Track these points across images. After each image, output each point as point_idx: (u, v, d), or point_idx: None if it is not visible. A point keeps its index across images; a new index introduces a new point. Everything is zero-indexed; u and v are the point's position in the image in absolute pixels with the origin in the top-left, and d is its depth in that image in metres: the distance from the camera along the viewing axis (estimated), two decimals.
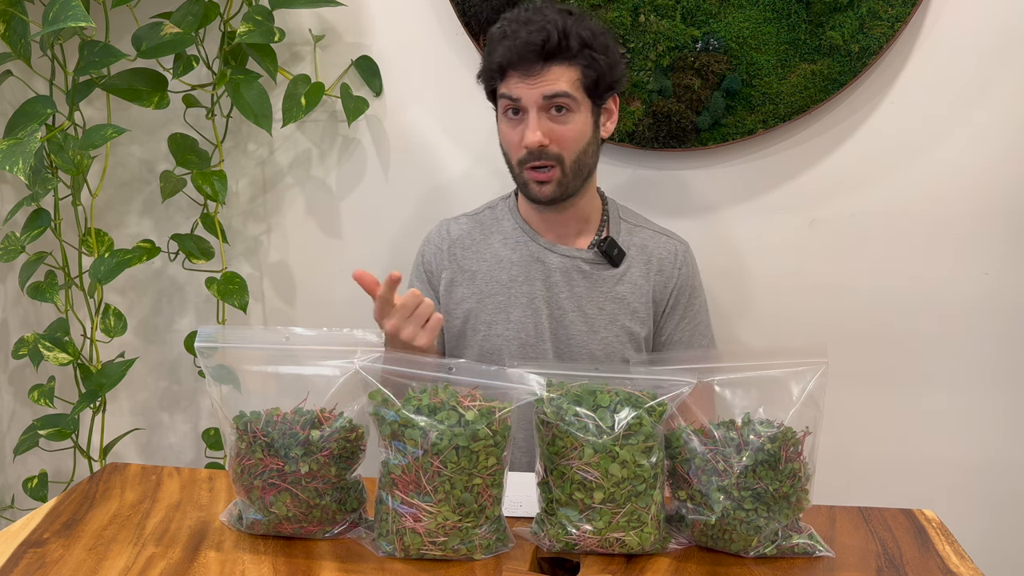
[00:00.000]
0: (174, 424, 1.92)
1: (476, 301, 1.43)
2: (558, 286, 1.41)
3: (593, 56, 1.30)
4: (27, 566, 0.96)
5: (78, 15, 1.35)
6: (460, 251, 1.46)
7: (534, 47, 1.27)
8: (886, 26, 1.52)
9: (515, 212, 1.46)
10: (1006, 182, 1.59)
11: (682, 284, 1.45)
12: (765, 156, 1.64)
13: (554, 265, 1.41)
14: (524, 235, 1.43)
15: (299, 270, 1.82)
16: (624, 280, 1.42)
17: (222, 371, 1.02)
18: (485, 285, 1.43)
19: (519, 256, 1.43)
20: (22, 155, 1.41)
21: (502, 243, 1.44)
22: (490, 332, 1.42)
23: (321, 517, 1.01)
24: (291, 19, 1.70)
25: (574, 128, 1.32)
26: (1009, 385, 1.65)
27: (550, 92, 1.29)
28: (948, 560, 1.00)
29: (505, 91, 1.32)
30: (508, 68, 1.30)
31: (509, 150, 1.36)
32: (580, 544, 0.98)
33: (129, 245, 1.76)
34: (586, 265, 1.41)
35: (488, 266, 1.44)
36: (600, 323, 1.41)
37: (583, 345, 1.40)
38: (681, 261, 1.46)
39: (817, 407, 1.00)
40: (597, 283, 1.41)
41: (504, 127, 1.35)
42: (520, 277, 1.42)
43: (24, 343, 1.70)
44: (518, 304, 1.41)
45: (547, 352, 1.40)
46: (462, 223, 1.49)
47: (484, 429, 0.94)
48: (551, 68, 1.28)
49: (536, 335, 1.41)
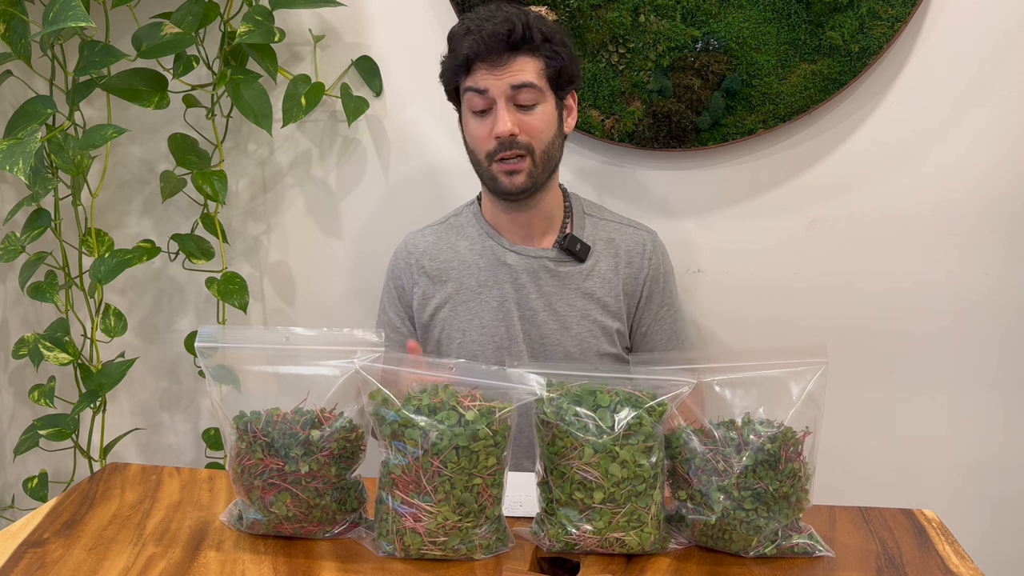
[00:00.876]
0: (174, 424, 1.92)
1: (449, 310, 1.44)
2: (526, 287, 1.42)
3: (555, 49, 1.33)
4: (27, 566, 0.96)
5: (78, 15, 1.35)
6: (428, 262, 1.46)
7: (500, 37, 1.29)
8: (886, 26, 1.52)
9: (479, 217, 1.47)
10: (1006, 182, 1.59)
11: (654, 273, 1.46)
12: (765, 156, 1.64)
13: (520, 267, 1.42)
14: (489, 239, 1.44)
15: (299, 270, 1.82)
16: (593, 275, 1.43)
17: (222, 371, 1.02)
18: (456, 293, 1.44)
19: (485, 261, 1.43)
20: (22, 155, 1.41)
21: (468, 249, 1.45)
22: (465, 339, 1.42)
23: (321, 517, 1.01)
24: (291, 19, 1.70)
25: (542, 118, 1.33)
26: (1009, 385, 1.65)
27: (517, 82, 1.30)
28: (948, 560, 1.00)
29: (471, 84, 1.32)
30: (475, 60, 1.31)
31: (477, 145, 1.36)
32: (580, 544, 0.98)
33: (129, 245, 1.76)
34: (551, 264, 1.42)
35: (457, 274, 1.44)
36: (572, 320, 1.41)
37: (557, 344, 1.41)
38: (650, 251, 1.46)
39: (817, 407, 1.00)
40: (565, 280, 1.42)
41: (471, 123, 1.36)
42: (488, 281, 1.43)
43: (24, 343, 1.70)
44: (489, 308, 1.42)
45: (522, 354, 1.41)
46: (427, 234, 1.50)
47: (484, 429, 0.94)
48: (517, 58, 1.31)
49: (509, 337, 1.41)
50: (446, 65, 1.37)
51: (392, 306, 1.50)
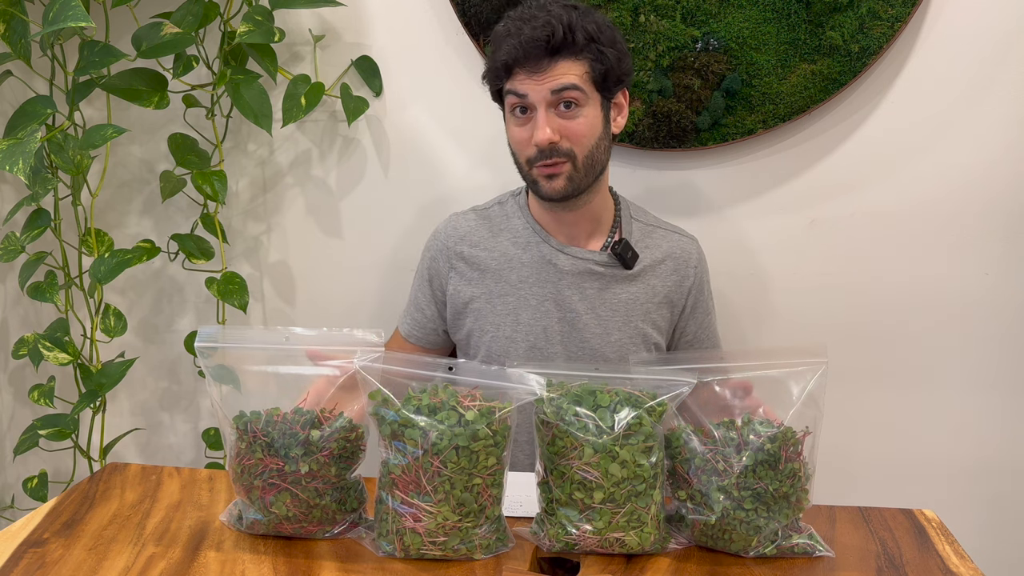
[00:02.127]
0: (174, 424, 1.92)
1: (485, 301, 1.41)
2: (569, 289, 1.39)
3: (600, 49, 1.28)
4: (27, 566, 0.96)
5: (78, 15, 1.35)
6: (468, 248, 1.43)
7: (539, 43, 1.25)
8: (886, 26, 1.52)
9: (525, 211, 1.43)
10: (1006, 182, 1.59)
11: (699, 283, 1.45)
12: (765, 156, 1.64)
13: (566, 268, 1.39)
14: (535, 236, 1.41)
15: (299, 270, 1.82)
16: (637, 281, 1.41)
17: (222, 371, 1.02)
18: (495, 285, 1.41)
19: (530, 257, 1.41)
20: (22, 155, 1.41)
21: (512, 242, 1.42)
22: (498, 334, 1.40)
23: (321, 517, 1.01)
24: (291, 19, 1.70)
25: (584, 122, 1.29)
26: (1009, 385, 1.65)
27: (558, 86, 1.26)
28: (948, 560, 1.00)
29: (512, 88, 1.29)
30: (514, 66, 1.27)
31: (518, 149, 1.33)
32: (580, 544, 0.98)
33: (129, 245, 1.76)
34: (599, 267, 1.40)
35: (498, 265, 1.42)
36: (613, 325, 1.39)
37: (597, 348, 1.39)
38: (695, 260, 1.45)
39: (817, 407, 1.00)
40: (609, 285, 1.40)
41: (512, 126, 1.33)
42: (531, 279, 1.40)
43: (24, 343, 1.70)
44: (527, 306, 1.40)
45: (557, 355, 1.39)
46: (470, 219, 1.46)
47: (484, 429, 0.94)
48: (558, 63, 1.26)
49: (545, 338, 1.39)
50: (488, 67, 1.34)
51: (422, 286, 1.48)
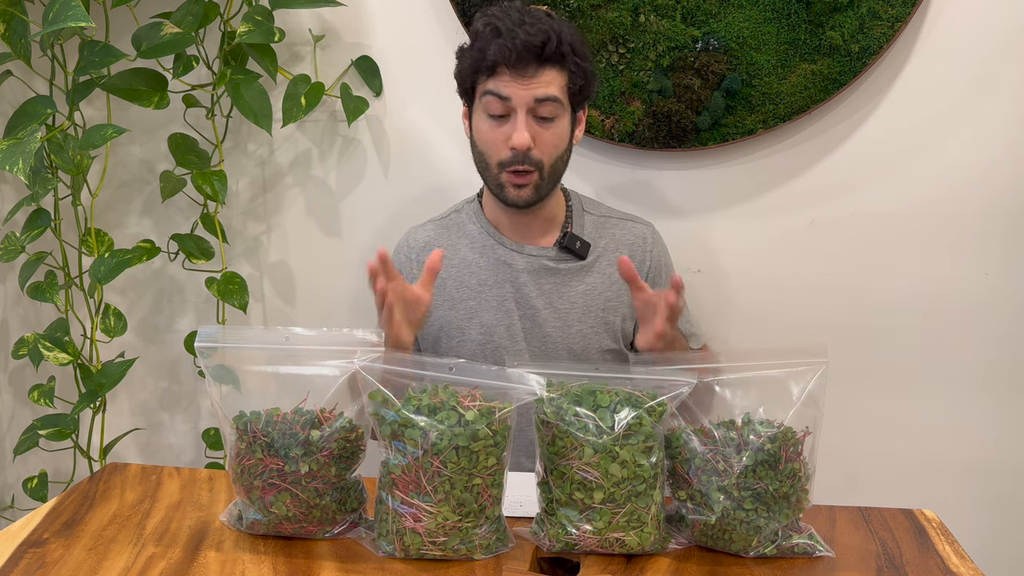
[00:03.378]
0: (174, 424, 1.92)
1: (448, 307, 1.43)
2: (527, 286, 1.41)
3: (578, 63, 1.31)
4: (27, 566, 0.96)
5: (78, 15, 1.35)
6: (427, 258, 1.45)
7: (533, 48, 1.26)
8: (886, 26, 1.52)
9: (480, 215, 1.46)
10: (1006, 182, 1.59)
11: (656, 265, 1.46)
12: (765, 156, 1.64)
13: (520, 266, 1.41)
14: (490, 238, 1.43)
15: (299, 270, 1.82)
16: (593, 271, 1.42)
17: (222, 371, 1.02)
18: (455, 291, 1.43)
19: (486, 260, 1.43)
20: (22, 155, 1.41)
21: (469, 247, 1.44)
22: (464, 338, 1.42)
23: (321, 517, 1.01)
24: (291, 19, 1.70)
25: (556, 134, 1.32)
26: (1009, 385, 1.65)
27: (542, 95, 1.28)
28: (948, 560, 1.00)
29: (493, 88, 1.30)
30: (502, 65, 1.28)
31: (488, 149, 1.34)
32: (580, 544, 0.98)
33: (129, 245, 1.76)
34: (551, 262, 1.41)
35: (457, 271, 1.44)
36: (573, 317, 1.41)
37: (560, 341, 1.41)
38: (651, 243, 1.46)
39: (817, 407, 1.00)
40: (566, 278, 1.41)
41: (485, 126, 1.33)
42: (489, 281, 1.42)
43: (24, 343, 1.70)
44: (488, 307, 1.42)
45: (522, 352, 1.40)
46: (428, 229, 1.49)
47: (484, 429, 0.94)
48: (544, 71, 1.28)
49: (509, 337, 1.41)
50: (466, 62, 1.33)
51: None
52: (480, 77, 1.32)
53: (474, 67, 1.31)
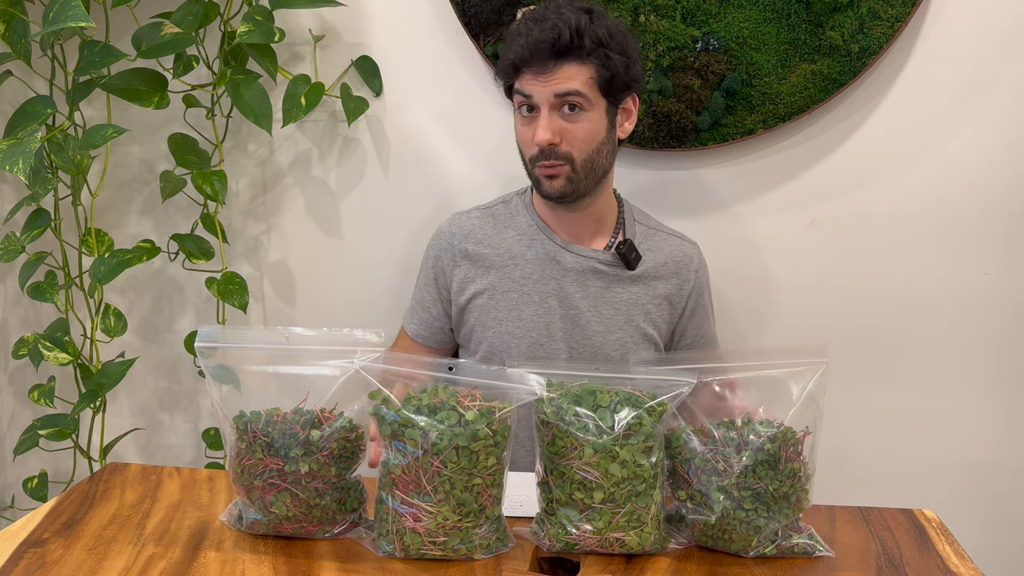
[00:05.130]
0: (174, 424, 1.92)
1: (488, 297, 1.42)
2: (573, 286, 1.40)
3: (607, 55, 1.28)
4: (27, 566, 0.96)
5: (78, 15, 1.35)
6: (472, 245, 1.44)
7: (545, 45, 1.27)
8: (886, 26, 1.52)
9: (530, 208, 1.45)
10: (1006, 182, 1.59)
11: (699, 287, 1.46)
12: (765, 156, 1.64)
13: (570, 265, 1.41)
14: (540, 232, 1.43)
15: (299, 270, 1.82)
16: (639, 283, 1.42)
17: (222, 371, 1.02)
18: (498, 281, 1.42)
19: (534, 254, 1.42)
20: (22, 155, 1.41)
21: (516, 239, 1.43)
22: (500, 329, 1.41)
23: (321, 517, 1.01)
24: (291, 19, 1.70)
25: (585, 127, 1.31)
26: (1009, 385, 1.65)
27: (562, 90, 1.28)
28: (948, 560, 1.00)
29: (519, 87, 1.32)
30: (521, 65, 1.30)
31: (523, 147, 1.36)
32: (580, 544, 0.98)
33: (129, 245, 1.76)
34: (602, 266, 1.41)
35: (502, 261, 1.43)
36: (616, 323, 1.40)
37: (599, 346, 1.40)
38: (696, 264, 1.47)
39: (817, 407, 1.00)
40: (612, 284, 1.41)
41: (519, 124, 1.36)
42: (535, 275, 1.41)
43: (24, 343, 1.70)
44: (530, 302, 1.41)
45: (559, 352, 1.40)
46: (474, 217, 1.48)
47: (484, 429, 0.94)
48: (563, 66, 1.28)
49: (548, 334, 1.40)
50: (499, 64, 1.36)
51: (427, 285, 1.49)
52: (510, 78, 1.34)
53: (504, 70, 1.35)
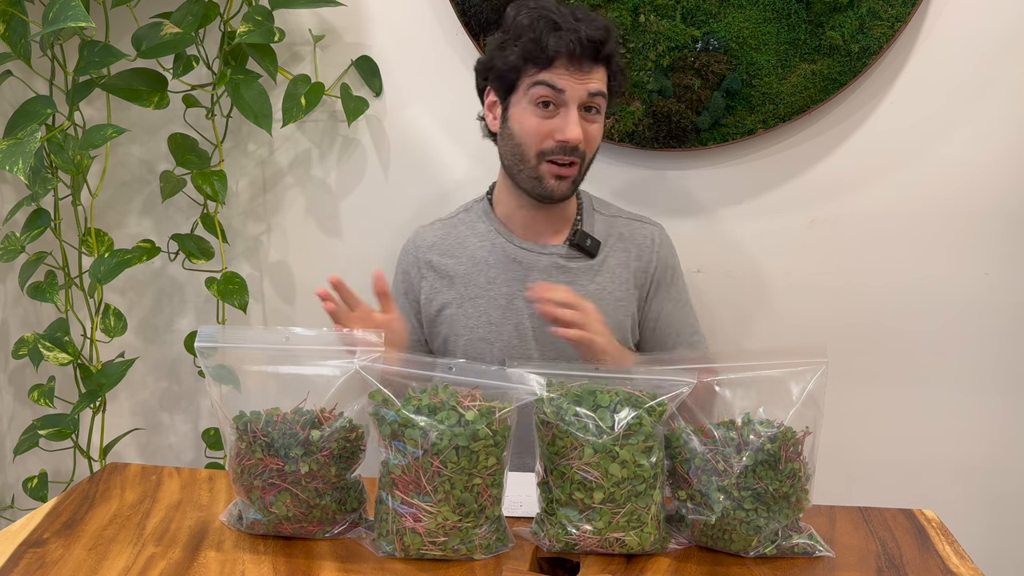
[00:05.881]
0: (174, 424, 1.92)
1: (457, 306, 1.43)
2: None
3: (619, 66, 1.35)
4: (27, 566, 0.96)
5: (78, 15, 1.35)
6: (436, 257, 1.46)
7: (595, 43, 1.28)
8: (886, 26, 1.52)
9: (490, 214, 1.46)
10: (1006, 182, 1.59)
11: (662, 266, 1.46)
12: (765, 156, 1.64)
13: (531, 264, 1.41)
14: (499, 236, 1.44)
15: (299, 270, 1.82)
16: (603, 270, 1.43)
17: (222, 371, 1.02)
18: (464, 289, 1.43)
19: (496, 258, 1.43)
20: (22, 155, 1.41)
21: (478, 246, 1.45)
22: (472, 336, 1.42)
23: (321, 517, 1.01)
24: (291, 19, 1.70)
25: (599, 129, 1.36)
26: (1009, 385, 1.65)
27: (595, 90, 1.31)
28: (948, 560, 1.00)
29: (548, 80, 1.29)
30: (562, 57, 1.28)
31: (531, 141, 1.33)
32: (580, 544, 0.98)
33: (129, 245, 1.76)
34: (563, 260, 1.42)
35: (466, 269, 1.44)
36: None
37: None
38: (658, 244, 1.47)
39: (817, 407, 1.00)
40: (577, 276, 1.41)
41: (531, 117, 1.32)
42: (499, 279, 1.42)
43: (24, 343, 1.70)
44: (497, 306, 1.41)
45: (531, 352, 1.40)
46: (436, 229, 1.49)
47: (484, 429, 0.94)
48: (598, 67, 1.31)
49: (519, 336, 1.41)
50: (514, 53, 1.31)
51: (399, 300, 1.49)
52: (531, 68, 1.31)
53: (526, 57, 1.30)
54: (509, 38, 1.33)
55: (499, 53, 1.34)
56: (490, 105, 1.40)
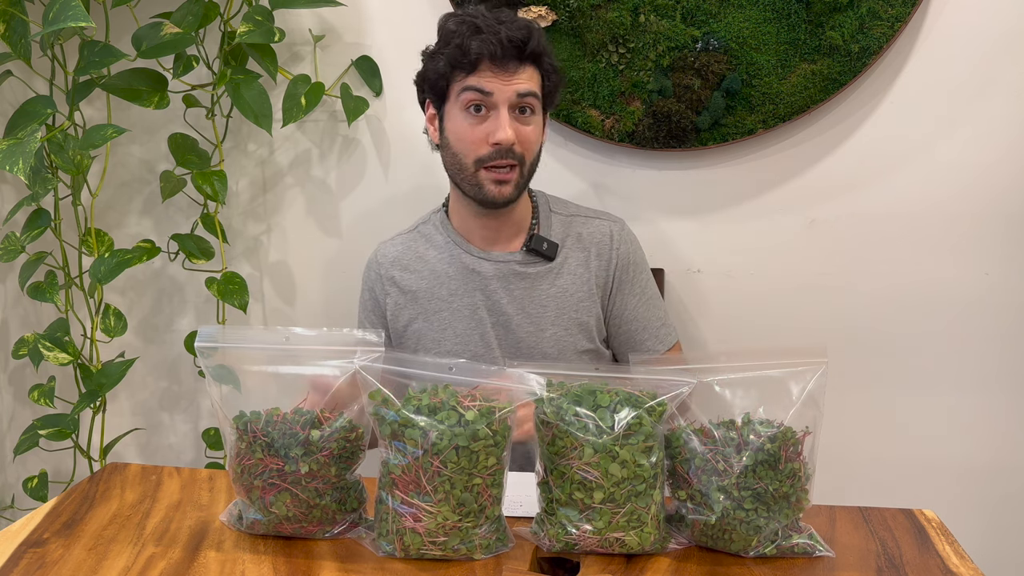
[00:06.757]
0: (174, 424, 1.92)
1: (423, 321, 1.43)
2: (497, 293, 1.40)
3: (552, 65, 1.35)
4: (27, 566, 0.96)
5: (78, 15, 1.35)
6: (398, 272, 1.45)
7: (517, 43, 1.28)
8: (886, 26, 1.52)
9: (446, 225, 1.45)
10: (1006, 182, 1.59)
11: (622, 263, 1.44)
12: (765, 156, 1.64)
13: (489, 272, 1.41)
14: (457, 247, 1.43)
15: (299, 270, 1.82)
16: (563, 272, 1.42)
17: (222, 371, 1.02)
18: (428, 303, 1.43)
19: (455, 270, 1.42)
20: (22, 155, 1.41)
21: (437, 259, 1.44)
22: (440, 349, 1.42)
23: (321, 517, 1.01)
24: (291, 19, 1.70)
25: (535, 130, 1.34)
26: (1009, 385, 1.65)
27: (524, 90, 1.30)
28: (948, 560, 1.00)
29: (475, 84, 1.30)
30: (485, 61, 1.28)
31: (466, 148, 1.33)
32: (580, 544, 0.98)
33: (129, 245, 1.76)
34: (520, 266, 1.41)
35: (427, 284, 1.43)
36: (546, 320, 1.40)
37: (533, 346, 1.40)
38: (618, 240, 1.44)
39: (817, 407, 1.00)
40: (536, 281, 1.41)
41: (463, 124, 1.32)
42: (459, 290, 1.42)
43: (24, 343, 1.70)
44: (461, 317, 1.41)
45: (497, 360, 1.39)
46: (397, 244, 1.49)
47: (484, 429, 0.94)
48: (524, 68, 1.31)
49: (484, 345, 1.40)
50: (440, 61, 1.32)
51: (367, 316, 1.50)
52: (458, 74, 1.31)
53: (452, 63, 1.31)
54: (439, 47, 1.34)
55: (430, 63, 1.35)
56: (430, 118, 1.40)
